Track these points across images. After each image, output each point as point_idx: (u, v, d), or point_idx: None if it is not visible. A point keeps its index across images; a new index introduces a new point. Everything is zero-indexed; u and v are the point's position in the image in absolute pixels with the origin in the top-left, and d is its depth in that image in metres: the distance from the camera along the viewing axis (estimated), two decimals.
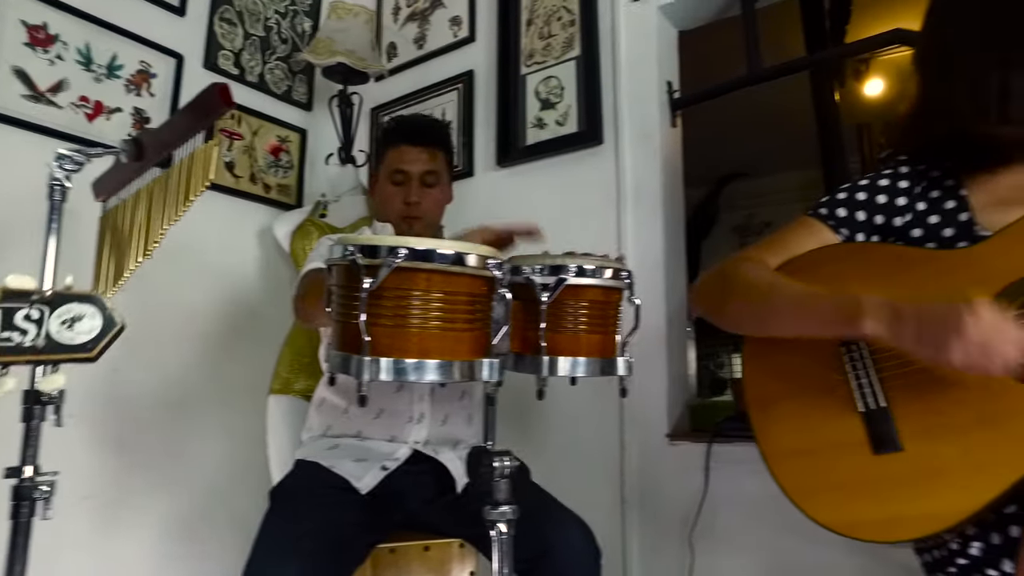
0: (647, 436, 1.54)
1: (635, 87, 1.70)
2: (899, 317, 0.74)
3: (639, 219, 1.63)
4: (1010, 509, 0.75)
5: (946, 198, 0.92)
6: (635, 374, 1.56)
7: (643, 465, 1.55)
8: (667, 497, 1.49)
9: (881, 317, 0.75)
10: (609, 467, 1.59)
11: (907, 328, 0.74)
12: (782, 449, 0.89)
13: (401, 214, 1.47)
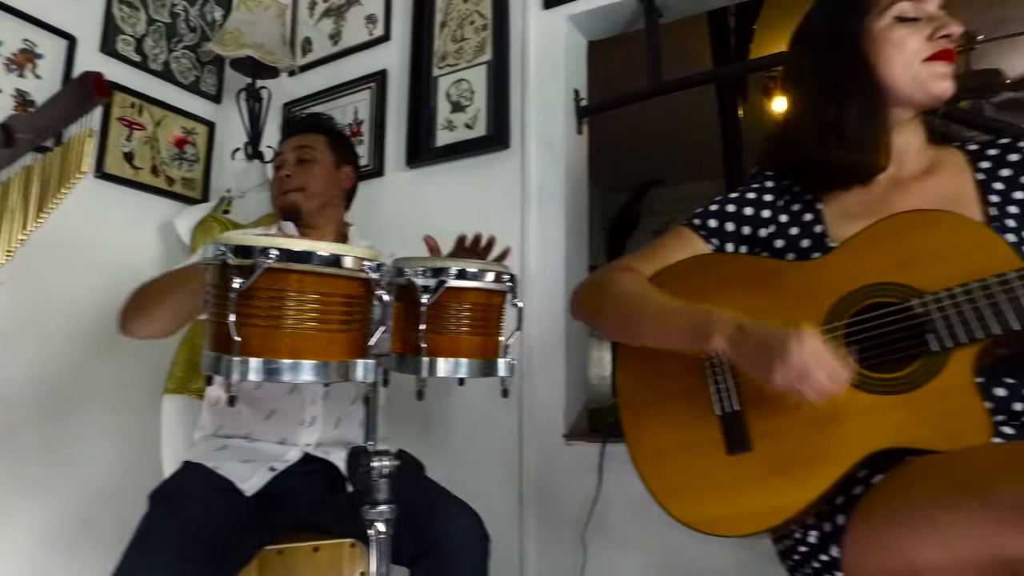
0: (545, 436, 1.58)
1: (543, 93, 1.74)
2: (741, 336, 0.80)
3: (541, 223, 1.67)
4: (839, 500, 0.81)
5: (805, 211, 0.99)
6: (534, 376, 1.62)
7: (540, 465, 1.58)
8: (563, 496, 1.53)
9: (727, 335, 0.81)
10: (508, 467, 1.61)
11: (745, 347, 0.79)
12: (648, 450, 0.93)
13: (276, 194, 1.49)
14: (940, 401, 0.76)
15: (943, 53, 0.90)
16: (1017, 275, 0.74)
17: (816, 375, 0.74)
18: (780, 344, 0.76)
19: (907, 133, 0.96)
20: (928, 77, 0.90)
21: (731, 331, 0.81)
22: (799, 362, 0.74)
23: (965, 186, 0.93)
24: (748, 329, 0.80)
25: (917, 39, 0.90)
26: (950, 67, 0.90)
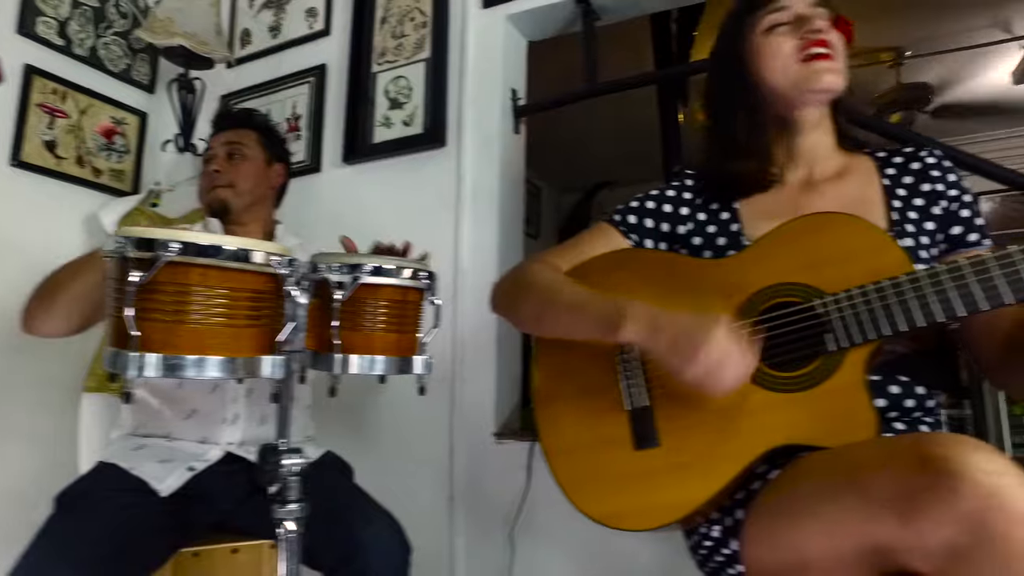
0: (475, 435, 1.58)
1: (480, 92, 1.74)
2: (656, 327, 0.80)
3: (476, 221, 1.67)
4: (740, 495, 0.83)
5: (722, 210, 1.01)
6: (466, 374, 1.62)
7: (471, 463, 1.58)
8: (492, 494, 1.53)
9: (641, 325, 0.81)
10: (438, 465, 1.61)
11: (661, 338, 0.80)
12: (559, 445, 0.94)
13: (205, 188, 1.46)
14: (833, 399, 0.78)
15: (816, 45, 0.92)
16: (908, 279, 0.78)
17: (727, 371, 0.76)
18: (693, 336, 0.77)
19: (815, 135, 0.99)
20: (806, 76, 0.93)
21: (644, 322, 0.81)
22: (710, 355, 0.75)
23: (872, 190, 0.97)
24: (663, 320, 0.81)
25: (789, 43, 0.94)
26: (828, 62, 0.92)
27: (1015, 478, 0.56)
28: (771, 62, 0.96)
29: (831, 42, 0.93)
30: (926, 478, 0.59)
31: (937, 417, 0.91)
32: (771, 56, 0.96)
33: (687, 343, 0.77)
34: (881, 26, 3.07)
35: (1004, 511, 0.55)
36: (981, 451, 0.58)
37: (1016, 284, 0.73)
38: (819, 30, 0.93)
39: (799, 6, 0.96)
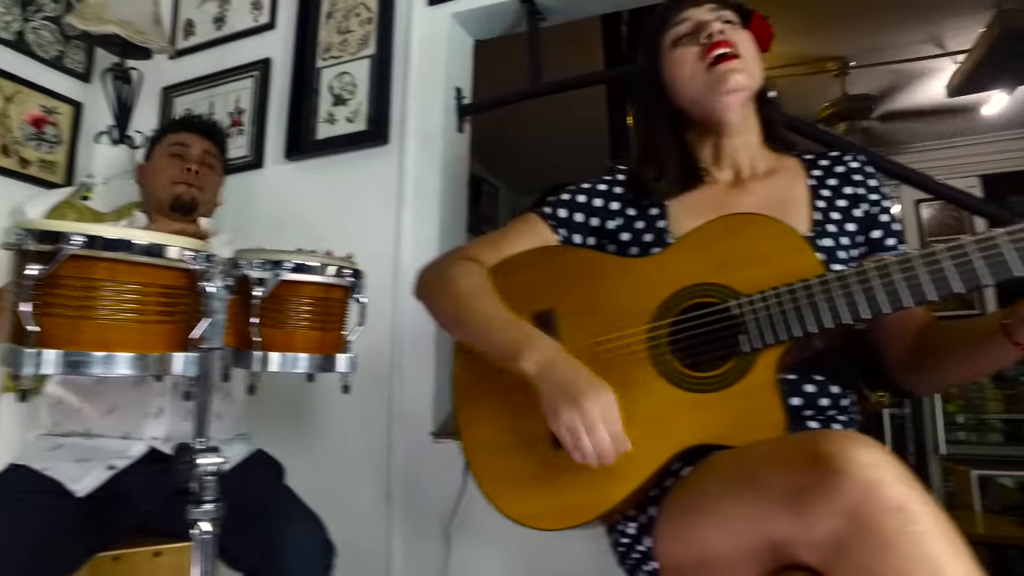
0: (413, 435, 1.56)
1: (424, 90, 1.73)
2: (551, 366, 0.83)
3: (417, 220, 1.66)
4: (654, 493, 0.84)
5: (652, 206, 1.02)
6: (404, 373, 1.60)
7: (408, 462, 1.57)
8: (429, 493, 1.52)
9: (538, 361, 0.84)
10: (376, 464, 1.59)
11: (549, 380, 0.82)
12: (480, 444, 0.94)
13: (177, 180, 1.42)
14: (745, 399, 0.80)
15: (716, 47, 0.94)
16: (818, 281, 0.79)
17: (600, 432, 0.78)
18: (582, 389, 0.79)
19: (740, 136, 1.01)
20: (713, 82, 0.95)
21: (543, 360, 0.83)
22: (590, 412, 0.78)
23: (799, 190, 1.00)
24: (558, 363, 0.83)
25: (693, 52, 0.97)
26: (732, 62, 0.94)
27: (891, 471, 0.58)
28: (680, 73, 0.99)
29: (733, 42, 0.95)
30: (815, 474, 0.61)
31: (852, 415, 0.93)
32: (679, 68, 0.99)
33: (573, 392, 0.79)
34: (827, 36, 3.17)
35: (879, 502, 0.57)
36: (863, 446, 0.60)
37: (915, 288, 0.75)
38: (717, 32, 0.95)
39: (699, 14, 0.98)
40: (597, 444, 0.78)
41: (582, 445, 0.78)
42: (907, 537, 0.56)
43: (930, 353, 0.91)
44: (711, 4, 1.00)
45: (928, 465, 4.31)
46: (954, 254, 0.74)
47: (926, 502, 0.58)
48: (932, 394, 0.97)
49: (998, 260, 0.73)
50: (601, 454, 0.78)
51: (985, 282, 0.73)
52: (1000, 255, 0.73)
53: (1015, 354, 0.81)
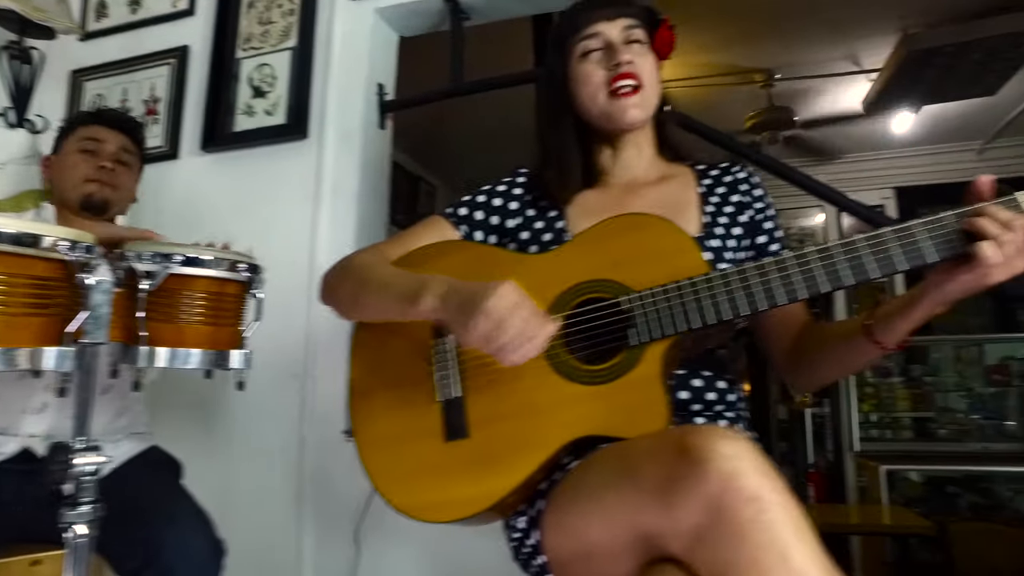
0: (326, 433, 1.54)
1: (346, 85, 1.71)
2: (448, 294, 0.81)
3: (334, 218, 1.63)
4: (543, 486, 0.86)
5: (551, 207, 1.04)
6: (317, 371, 1.58)
7: (320, 462, 1.54)
8: (341, 493, 1.50)
9: (436, 295, 0.81)
10: (288, 464, 1.57)
11: (451, 303, 0.80)
12: (372, 436, 0.94)
13: (89, 177, 1.34)
14: (632, 392, 0.82)
15: (622, 78, 0.97)
16: (703, 279, 0.83)
17: (512, 321, 0.74)
18: (480, 295, 0.76)
19: (634, 147, 1.05)
20: (613, 112, 0.99)
21: (443, 291, 0.81)
22: (495, 309, 0.74)
23: (689, 195, 1.04)
24: (456, 287, 0.81)
25: (600, 72, 0.99)
26: (633, 97, 0.97)
27: (749, 462, 0.61)
28: (583, 89, 1.01)
29: (638, 73, 0.98)
30: (681, 467, 0.63)
31: (739, 411, 0.97)
32: (583, 83, 1.00)
33: (470, 303, 0.76)
34: (754, 49, 3.28)
35: (737, 492, 0.59)
36: (726, 439, 0.63)
37: (789, 287, 0.79)
38: (626, 62, 0.97)
39: (611, 32, 1.00)
40: (514, 335, 0.74)
41: (502, 342, 0.74)
42: (758, 525, 0.58)
43: (805, 352, 0.96)
44: (624, 19, 1.01)
45: (844, 461, 4.53)
46: (822, 256, 0.79)
47: (778, 491, 0.61)
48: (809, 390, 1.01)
49: (857, 263, 0.78)
50: (523, 342, 0.74)
51: (847, 283, 0.78)
52: (859, 258, 0.78)
53: (876, 352, 0.86)
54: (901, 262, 0.77)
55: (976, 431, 4.30)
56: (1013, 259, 0.73)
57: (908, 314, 0.82)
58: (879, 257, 0.78)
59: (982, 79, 3.17)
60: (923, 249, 0.77)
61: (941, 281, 0.78)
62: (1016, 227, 0.72)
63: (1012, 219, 0.72)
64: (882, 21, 2.97)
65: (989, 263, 0.72)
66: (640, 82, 0.98)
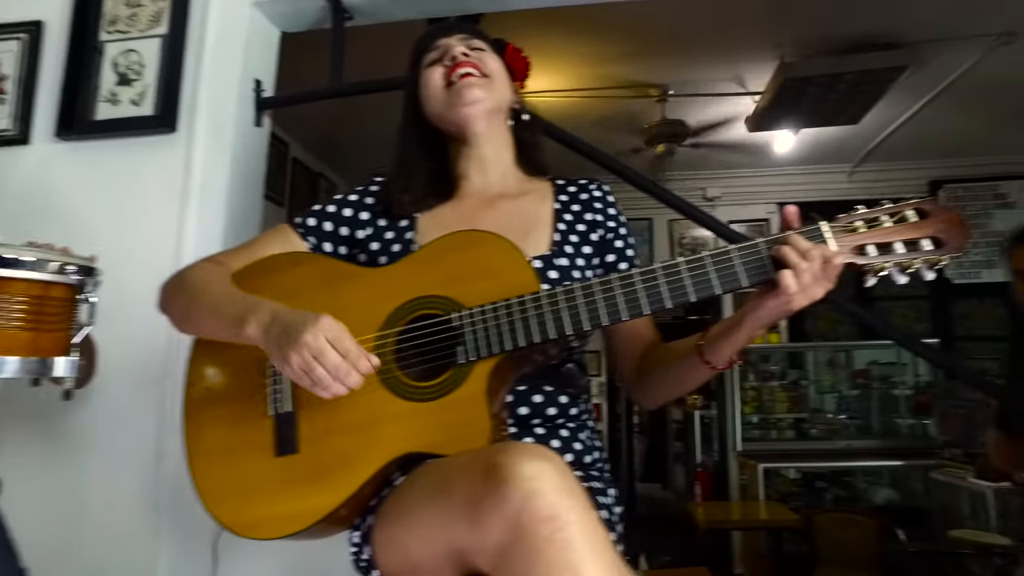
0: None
1: (219, 78, 1.64)
2: (271, 322, 0.81)
3: (203, 217, 1.57)
4: (373, 502, 0.86)
5: (402, 218, 1.05)
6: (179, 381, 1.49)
7: (179, 472, 1.47)
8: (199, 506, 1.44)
9: (261, 322, 0.81)
10: (144, 476, 1.49)
11: (272, 332, 0.80)
12: (203, 450, 0.91)
13: None
14: (457, 409, 0.83)
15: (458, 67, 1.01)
16: (532, 297, 0.85)
17: (329, 354, 0.75)
18: (299, 326, 0.77)
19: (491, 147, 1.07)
20: (450, 100, 1.02)
21: (266, 318, 0.81)
22: (312, 341, 0.75)
23: (544, 211, 1.06)
24: (279, 314, 0.81)
25: (438, 72, 1.04)
26: (469, 79, 1.01)
27: (550, 481, 0.64)
28: (427, 92, 1.05)
29: (476, 62, 1.02)
30: (487, 486, 0.65)
31: (582, 422, 1.01)
32: (425, 87, 1.05)
33: (290, 335, 0.77)
34: (649, 65, 3.41)
35: (535, 511, 0.62)
36: (531, 458, 0.65)
37: (612, 308, 0.83)
38: (460, 55, 1.02)
39: (449, 43, 1.06)
40: (330, 367, 0.75)
41: (317, 376, 0.75)
42: (554, 543, 0.61)
43: (646, 370, 1.01)
44: (461, 35, 1.07)
45: (728, 461, 4.80)
46: (645, 278, 0.83)
47: (576, 509, 0.63)
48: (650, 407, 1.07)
49: (678, 286, 0.82)
50: (339, 375, 0.76)
51: (667, 305, 0.82)
52: (680, 281, 0.82)
53: (708, 372, 0.92)
54: (717, 286, 0.82)
55: (843, 430, 4.67)
56: (810, 287, 0.79)
57: (731, 336, 0.88)
58: (696, 280, 0.82)
59: (847, 109, 3.44)
60: (737, 274, 0.82)
61: (755, 307, 0.84)
62: (813, 257, 0.78)
63: (810, 249, 0.78)
64: (763, 49, 3.17)
65: (789, 291, 0.78)
66: (481, 72, 1.02)
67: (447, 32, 1.08)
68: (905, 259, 0.80)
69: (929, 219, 0.81)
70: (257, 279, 0.96)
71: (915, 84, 3.47)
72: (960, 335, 4.82)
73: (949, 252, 0.79)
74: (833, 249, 0.79)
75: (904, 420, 4.65)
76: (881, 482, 4.55)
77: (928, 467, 4.24)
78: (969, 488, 3.88)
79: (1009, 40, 3.10)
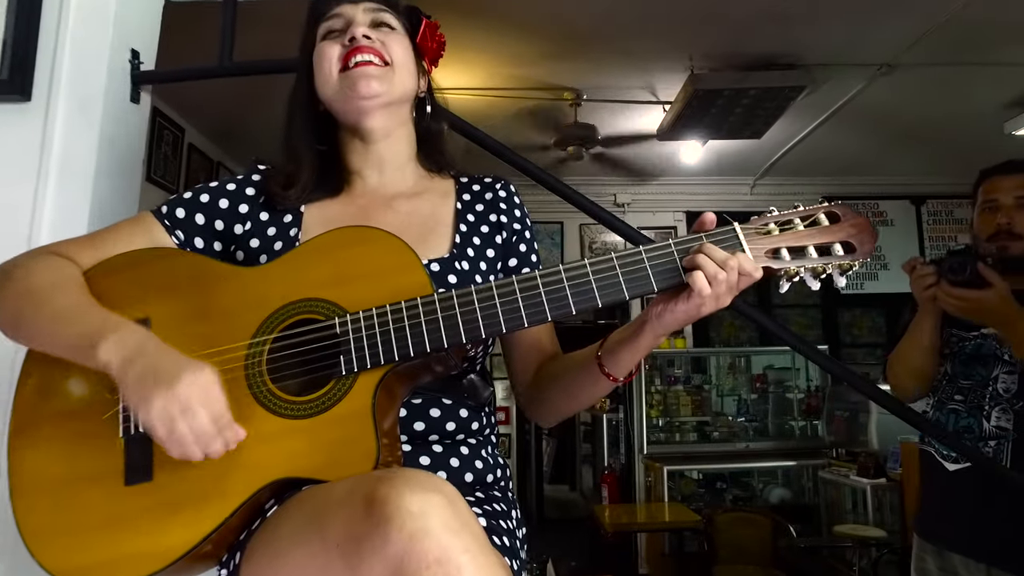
0: None
1: (86, 44, 1.43)
2: (135, 355, 0.70)
3: (62, 203, 1.37)
4: (243, 535, 0.75)
5: (286, 212, 0.93)
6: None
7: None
8: None
9: (118, 349, 0.70)
10: None
11: (132, 368, 0.69)
12: (28, 482, 0.76)
13: None
14: (338, 427, 0.73)
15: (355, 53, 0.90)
16: (424, 302, 0.76)
17: (199, 415, 0.67)
18: (174, 371, 0.67)
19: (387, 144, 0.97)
20: (344, 88, 0.91)
21: (126, 347, 0.70)
22: (185, 394, 0.66)
23: (445, 211, 0.98)
24: (150, 349, 0.70)
25: (335, 50, 0.92)
26: (367, 68, 0.90)
27: (439, 519, 0.56)
28: (318, 70, 0.93)
29: (379, 48, 0.91)
30: (368, 522, 0.56)
31: (485, 437, 0.93)
32: (318, 64, 0.93)
33: (163, 376, 0.67)
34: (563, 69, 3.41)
35: (421, 555, 0.54)
36: (417, 491, 0.57)
37: (513, 315, 0.76)
38: (361, 37, 0.91)
39: (352, 12, 0.93)
40: (196, 429, 0.67)
41: (179, 434, 0.66)
42: None
43: (542, 386, 0.94)
44: (369, 4, 0.95)
45: (634, 463, 4.89)
46: (548, 282, 0.76)
47: (469, 550, 0.56)
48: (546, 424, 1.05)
49: (584, 290, 0.76)
50: (201, 440, 0.67)
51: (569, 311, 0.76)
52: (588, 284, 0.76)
53: (609, 384, 0.86)
54: (625, 290, 0.77)
55: (742, 432, 4.87)
56: (723, 295, 0.76)
57: (632, 344, 0.83)
58: (603, 284, 0.76)
59: (752, 123, 3.58)
60: (649, 277, 0.76)
61: (661, 312, 0.79)
62: (730, 267, 0.74)
63: (726, 259, 0.74)
64: (674, 59, 3.23)
65: (702, 295, 0.74)
66: (383, 60, 0.91)
67: None
68: (819, 264, 0.77)
69: (840, 223, 0.79)
70: (111, 276, 0.82)
71: (811, 104, 3.66)
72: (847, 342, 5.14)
73: (860, 257, 0.78)
74: (748, 256, 0.76)
75: (796, 422, 4.91)
76: (775, 482, 4.77)
77: (817, 466, 4.49)
78: (851, 485, 4.13)
79: (889, 71, 3.33)
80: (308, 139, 0.95)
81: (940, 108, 3.83)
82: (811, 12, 2.89)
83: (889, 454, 3.99)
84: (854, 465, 4.06)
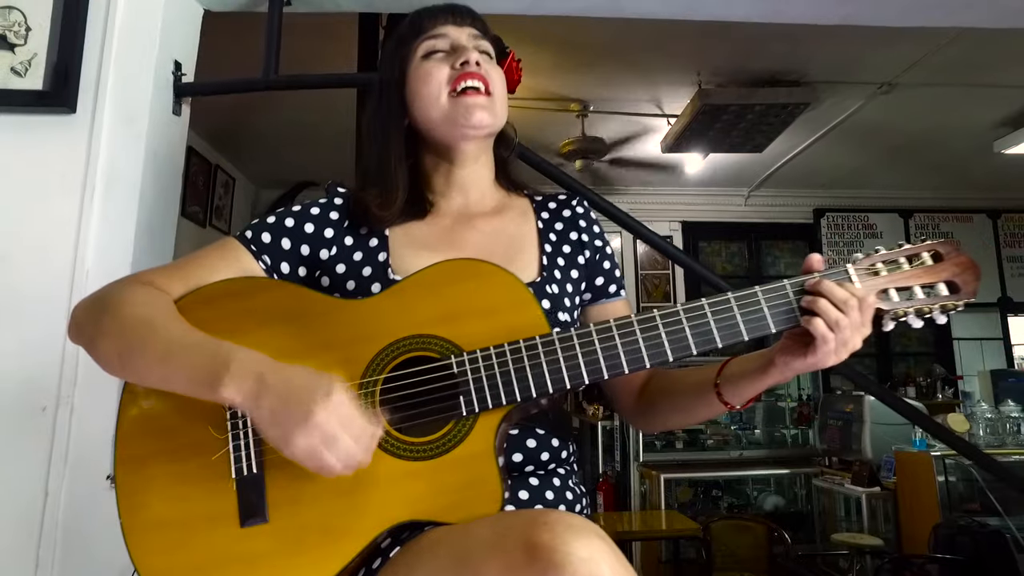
0: (83, 478, 1.25)
1: (131, 56, 1.41)
2: (261, 388, 0.67)
3: (109, 215, 1.34)
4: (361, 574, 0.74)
5: (371, 236, 0.92)
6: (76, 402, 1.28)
7: (73, 514, 1.25)
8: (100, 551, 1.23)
9: (245, 383, 0.67)
10: (26, 519, 1.24)
11: (265, 402, 0.67)
12: (146, 520, 0.74)
13: None
14: (462, 469, 0.73)
15: (468, 78, 0.89)
16: (543, 341, 0.76)
17: (342, 440, 0.66)
18: (305, 401, 0.65)
19: (473, 168, 0.97)
20: (457, 112, 0.90)
21: (251, 380, 0.68)
22: (325, 424, 0.65)
23: (528, 229, 0.97)
24: (271, 380, 0.68)
25: (444, 72, 0.91)
26: (480, 98, 0.89)
27: (607, 564, 0.56)
28: (425, 89, 0.91)
29: (486, 77, 0.91)
30: (533, 569, 0.56)
31: (570, 466, 0.93)
32: (424, 83, 0.91)
33: (296, 409, 0.65)
34: (571, 80, 3.42)
35: None
36: (582, 537, 0.57)
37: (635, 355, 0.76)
38: (474, 63, 0.90)
39: (458, 36, 0.93)
40: (342, 455, 0.66)
41: (328, 464, 0.66)
42: None
43: (654, 401, 0.94)
44: (472, 30, 0.94)
45: (629, 471, 4.91)
46: (667, 322, 0.76)
47: None
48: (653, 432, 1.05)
49: (704, 330, 0.76)
50: (351, 463, 0.67)
51: (692, 352, 0.76)
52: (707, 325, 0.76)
53: (723, 409, 0.87)
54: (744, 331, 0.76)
55: (734, 440, 4.92)
56: (850, 339, 0.74)
57: (756, 381, 0.82)
58: (722, 325, 0.76)
59: (754, 138, 3.64)
60: (765, 318, 0.76)
61: (788, 361, 0.78)
62: (851, 307, 0.73)
63: (846, 299, 0.73)
64: (682, 73, 3.27)
65: (828, 344, 0.73)
66: (489, 89, 0.90)
67: (457, 18, 0.93)
68: (925, 304, 0.78)
69: (943, 263, 0.79)
70: (209, 306, 0.80)
71: (810, 120, 3.73)
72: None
73: (964, 297, 0.78)
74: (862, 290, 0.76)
75: (788, 430, 4.98)
76: (769, 489, 4.83)
77: (810, 475, 4.56)
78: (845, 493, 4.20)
79: (889, 90, 3.41)
80: (400, 156, 0.93)
81: (933, 126, 3.94)
82: (818, 31, 2.94)
83: (883, 463, 4.07)
84: (848, 473, 4.13)
